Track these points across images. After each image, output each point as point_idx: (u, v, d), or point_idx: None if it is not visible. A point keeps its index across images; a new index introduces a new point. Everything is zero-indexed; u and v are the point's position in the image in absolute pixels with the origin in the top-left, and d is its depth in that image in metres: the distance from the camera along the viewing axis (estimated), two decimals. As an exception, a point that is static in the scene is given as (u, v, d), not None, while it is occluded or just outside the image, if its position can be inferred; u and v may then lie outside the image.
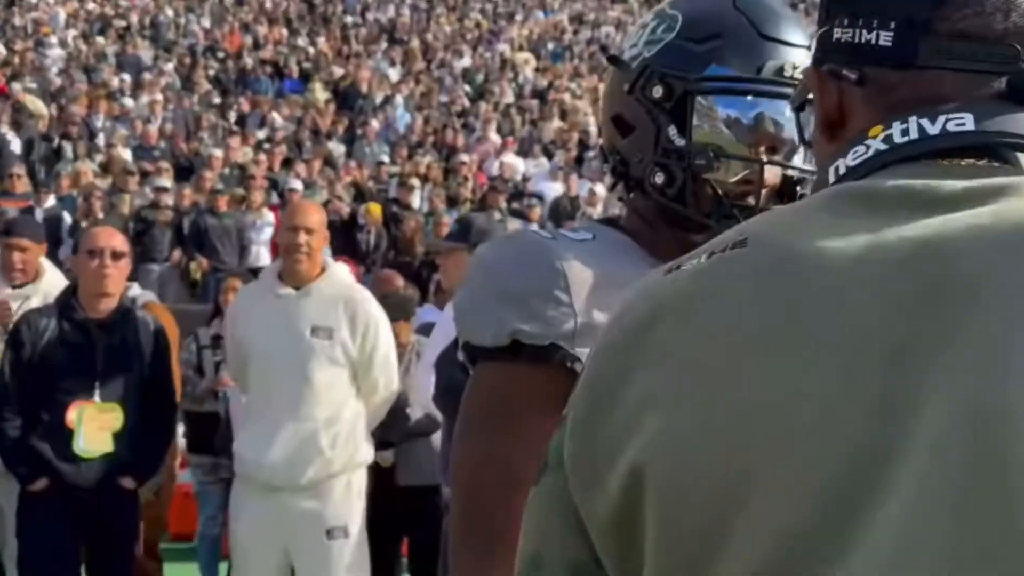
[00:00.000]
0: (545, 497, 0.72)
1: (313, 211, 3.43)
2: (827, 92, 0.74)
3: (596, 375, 0.70)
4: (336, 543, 3.18)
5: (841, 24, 0.73)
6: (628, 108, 1.16)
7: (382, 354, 3.28)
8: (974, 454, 0.55)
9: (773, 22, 1.14)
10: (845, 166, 0.70)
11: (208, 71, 14.41)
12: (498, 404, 1.09)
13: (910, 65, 0.70)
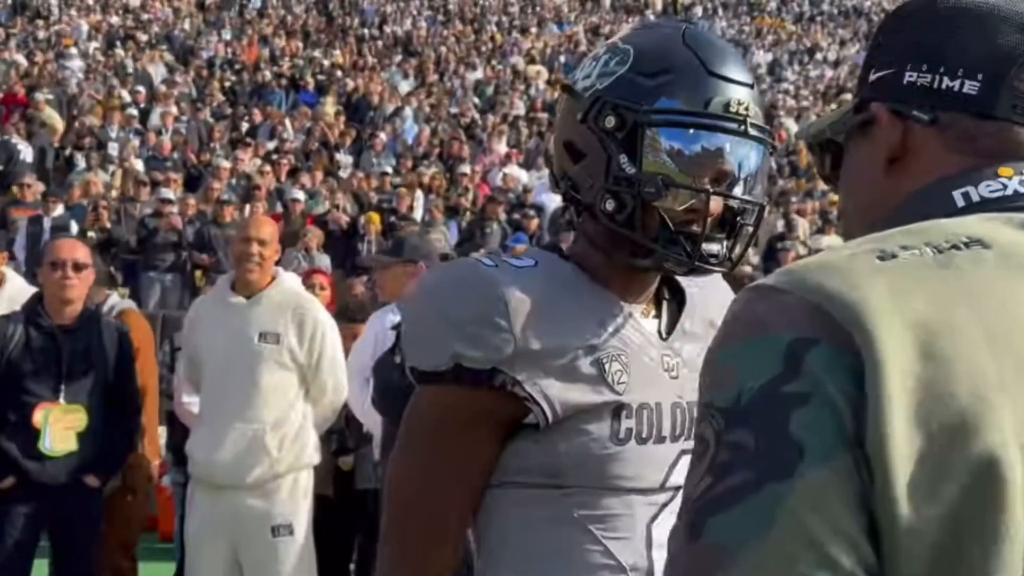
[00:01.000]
0: (825, 490, 0.65)
1: (266, 224, 3.59)
2: (891, 129, 0.84)
3: (913, 366, 0.66)
4: (281, 540, 3.33)
5: (917, 68, 0.84)
6: (580, 136, 1.21)
7: (329, 359, 3.43)
8: None
9: (720, 60, 1.20)
10: (980, 196, 0.80)
11: (224, 83, 14.69)
12: (438, 423, 1.15)
13: (989, 115, 0.82)
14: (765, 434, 0.67)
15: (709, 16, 22.41)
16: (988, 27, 0.83)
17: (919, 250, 0.72)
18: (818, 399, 0.66)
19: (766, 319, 0.70)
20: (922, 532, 0.65)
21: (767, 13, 23.15)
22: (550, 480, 1.15)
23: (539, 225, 10.38)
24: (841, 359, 0.67)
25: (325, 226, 9.58)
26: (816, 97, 16.67)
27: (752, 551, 0.65)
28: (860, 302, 0.68)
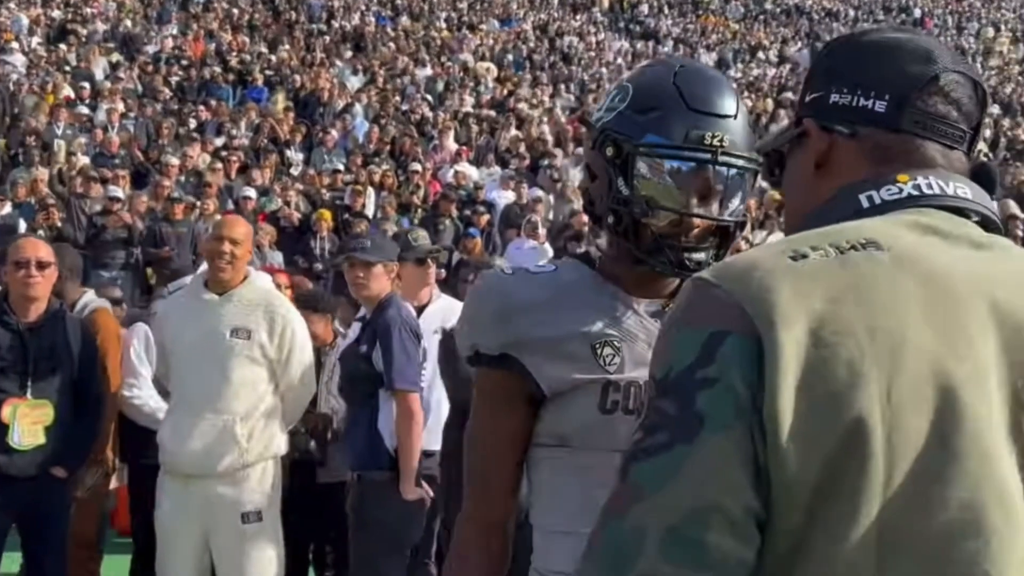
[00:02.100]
0: (719, 450, 0.84)
1: (239, 224, 3.70)
2: (819, 140, 1.04)
3: (805, 351, 0.85)
4: (250, 527, 3.46)
5: (840, 91, 1.04)
6: (593, 160, 1.48)
7: (298, 355, 3.57)
8: None
9: (703, 96, 1.42)
10: (880, 198, 0.98)
11: (170, 79, 14.56)
12: (483, 396, 1.47)
13: (897, 128, 1.01)
14: (679, 406, 0.87)
15: (655, 14, 22.71)
16: (895, 58, 1.03)
17: (824, 251, 0.91)
18: (721, 384, 0.86)
19: (696, 311, 0.91)
20: (805, 477, 0.84)
21: (711, 11, 23.53)
22: (559, 442, 1.42)
23: (489, 221, 10.52)
24: (746, 347, 0.87)
25: (277, 223, 9.62)
26: (760, 95, 17.03)
27: (659, 493, 0.85)
28: (769, 301, 0.88)
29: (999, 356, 0.90)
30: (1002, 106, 18.71)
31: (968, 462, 0.86)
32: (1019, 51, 22.97)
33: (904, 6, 25.23)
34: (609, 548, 0.87)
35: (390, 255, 3.77)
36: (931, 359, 0.87)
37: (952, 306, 0.90)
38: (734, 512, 0.84)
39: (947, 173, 1.00)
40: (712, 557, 0.84)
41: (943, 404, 0.86)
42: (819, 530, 0.85)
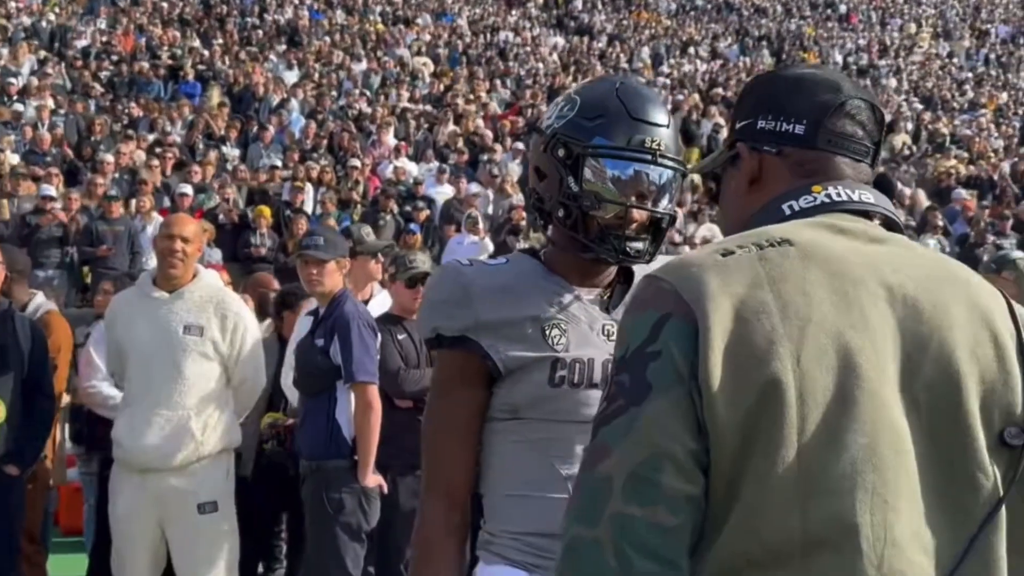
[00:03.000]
0: (664, 409, 1.04)
1: (189, 222, 3.76)
2: (750, 160, 1.25)
3: (730, 327, 1.05)
4: (206, 517, 3.53)
5: (766, 117, 1.25)
6: (543, 162, 1.66)
7: (249, 350, 3.64)
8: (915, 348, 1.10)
9: (642, 108, 1.63)
10: (800, 207, 1.19)
11: (100, 74, 14.28)
12: (444, 375, 1.63)
13: (813, 147, 1.22)
14: (633, 377, 1.08)
15: (588, 10, 22.93)
16: (810, 89, 1.25)
17: (748, 248, 1.13)
18: (664, 356, 1.07)
19: (646, 300, 1.12)
20: (733, 425, 1.04)
21: (643, 7, 23.85)
22: (512, 415, 1.61)
23: (428, 217, 10.59)
24: (684, 327, 1.07)
25: (215, 220, 9.56)
26: (692, 90, 17.35)
27: (619, 448, 1.05)
28: (701, 290, 1.08)
29: (895, 328, 1.10)
30: (923, 100, 19.37)
31: (866, 412, 1.05)
32: (939, 46, 23.76)
33: (830, 2, 25.88)
34: (585, 497, 1.06)
35: (342, 252, 3.87)
36: (833, 330, 1.07)
37: (850, 287, 1.10)
38: (680, 457, 1.03)
39: (854, 183, 1.21)
40: (666, 494, 1.03)
41: (844, 366, 1.06)
42: (748, 475, 1.03)
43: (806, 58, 21.35)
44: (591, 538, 1.03)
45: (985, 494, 1.08)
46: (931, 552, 1.05)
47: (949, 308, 1.12)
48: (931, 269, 1.16)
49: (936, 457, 1.07)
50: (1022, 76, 22.02)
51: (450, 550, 1.58)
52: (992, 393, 1.10)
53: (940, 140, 16.07)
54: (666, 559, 1.02)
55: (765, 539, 1.03)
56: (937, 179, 13.62)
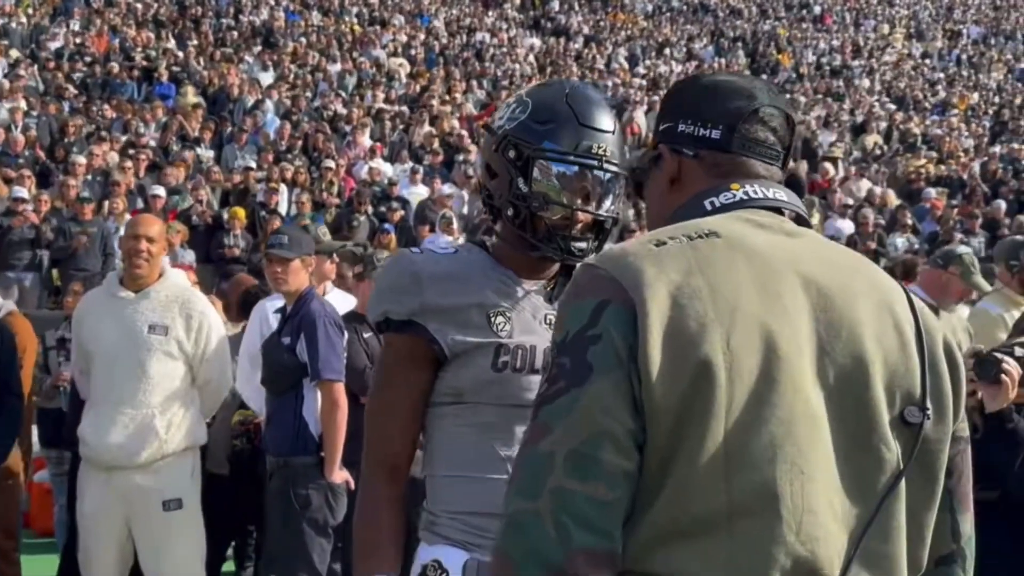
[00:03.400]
0: (604, 390, 1.10)
1: (154, 223, 3.78)
2: (671, 162, 1.33)
3: (666, 312, 1.12)
4: (171, 514, 3.57)
5: (685, 122, 1.32)
6: (494, 161, 1.72)
7: (214, 350, 3.67)
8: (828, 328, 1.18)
9: (589, 114, 1.70)
10: (720, 202, 1.27)
11: (74, 75, 14.21)
12: (390, 358, 1.68)
13: (728, 150, 1.30)
14: (574, 360, 1.13)
15: (565, 11, 23.01)
16: (726, 96, 1.33)
17: (679, 239, 1.20)
18: (604, 340, 1.12)
19: (586, 287, 1.18)
20: (669, 404, 1.11)
21: (620, 8, 23.96)
22: (456, 398, 1.65)
23: (403, 217, 10.62)
24: (623, 312, 1.13)
25: (188, 221, 9.54)
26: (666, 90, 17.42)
27: (561, 426, 1.11)
28: (638, 277, 1.15)
29: (809, 315, 1.18)
30: (895, 101, 19.58)
31: (785, 392, 1.13)
32: (912, 47, 24.01)
33: (804, 3, 26.10)
34: (527, 473, 1.12)
35: (308, 250, 3.90)
36: (757, 317, 1.15)
37: (770, 277, 1.18)
38: (619, 435, 1.10)
39: (768, 182, 1.30)
40: (604, 470, 1.09)
41: (767, 349, 1.14)
42: (681, 449, 1.11)
43: (780, 59, 21.54)
44: (532, 511, 1.09)
45: (888, 467, 1.17)
46: (841, 519, 1.14)
47: (857, 298, 1.20)
48: (840, 262, 1.24)
49: (845, 433, 1.15)
50: (992, 76, 22.29)
51: (392, 523, 1.65)
52: (895, 376, 1.19)
53: (912, 140, 16.26)
54: (603, 531, 1.08)
55: (694, 509, 1.10)
56: (907, 178, 13.79)
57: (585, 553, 1.07)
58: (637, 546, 1.11)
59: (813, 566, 1.11)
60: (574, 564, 1.07)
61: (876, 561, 1.15)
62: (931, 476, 1.22)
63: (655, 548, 1.11)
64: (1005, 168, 14.42)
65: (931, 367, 1.21)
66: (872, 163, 14.83)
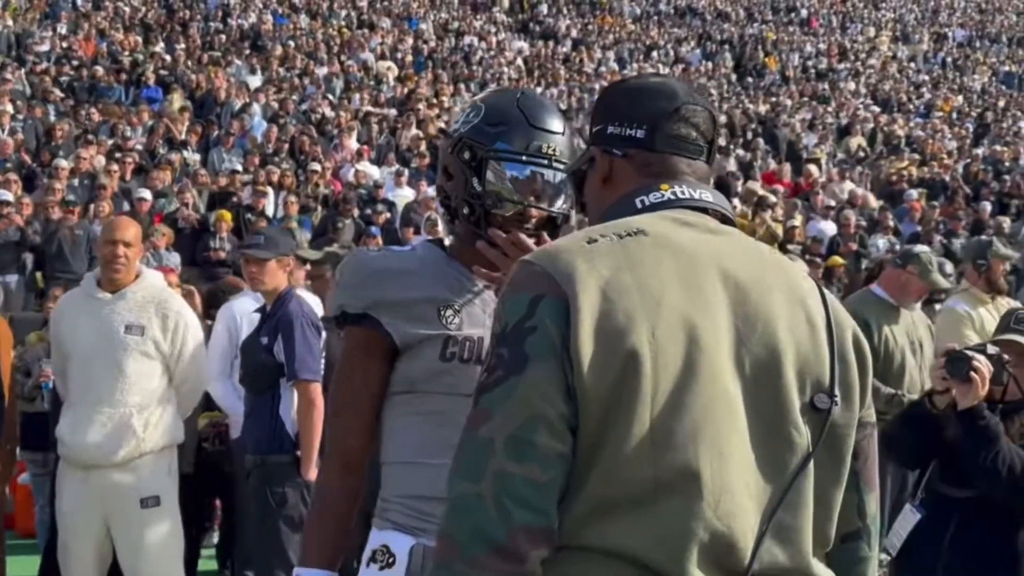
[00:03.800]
0: (540, 378, 1.18)
1: (131, 226, 3.82)
2: (603, 162, 1.40)
3: (597, 305, 1.20)
4: (149, 512, 3.62)
5: (613, 124, 1.40)
6: (451, 163, 1.80)
7: (190, 349, 3.72)
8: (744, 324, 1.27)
9: (539, 116, 1.78)
10: (650, 201, 1.34)
11: (61, 79, 14.23)
12: (349, 350, 1.75)
13: (653, 149, 1.37)
14: (512, 350, 1.21)
15: (554, 15, 23.09)
16: (650, 97, 1.41)
17: (609, 237, 1.29)
18: (540, 331, 1.21)
19: (523, 282, 1.26)
20: (599, 390, 1.19)
21: (608, 12, 24.05)
22: (409, 388, 1.72)
23: (389, 220, 10.67)
24: (557, 305, 1.22)
25: (174, 224, 9.58)
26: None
27: (500, 412, 1.19)
28: (571, 271, 1.24)
29: (727, 308, 1.26)
30: (880, 103, 19.71)
31: (705, 379, 1.22)
32: (898, 50, 24.16)
33: (792, 7, 26.24)
34: (468, 457, 1.20)
35: (283, 250, 3.95)
36: (681, 310, 1.23)
37: (694, 273, 1.26)
38: (553, 420, 1.18)
39: (695, 182, 1.39)
40: (539, 453, 1.18)
41: (689, 340, 1.22)
42: (610, 432, 1.19)
43: (767, 62, 21.66)
44: (475, 493, 1.17)
45: (798, 450, 1.26)
46: (755, 497, 1.23)
47: (772, 292, 1.29)
48: (758, 258, 1.33)
49: (760, 418, 1.24)
50: (975, 79, 22.45)
51: (343, 512, 1.72)
52: (806, 365, 1.28)
53: (896, 142, 16.38)
54: (539, 509, 1.17)
55: (623, 487, 1.19)
56: (888, 180, 13.90)
57: (525, 530, 1.16)
58: (572, 522, 1.19)
59: (729, 539, 1.20)
60: (515, 541, 1.15)
61: (785, 534, 1.24)
62: (838, 458, 1.30)
63: (588, 523, 1.19)
64: (986, 170, 14.54)
65: (840, 357, 1.29)
66: (856, 165, 14.93)
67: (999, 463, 2.60)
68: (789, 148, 15.49)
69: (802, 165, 14.10)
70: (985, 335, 4.58)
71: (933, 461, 2.81)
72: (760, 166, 14.25)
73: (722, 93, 18.77)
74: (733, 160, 14.14)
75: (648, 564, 1.18)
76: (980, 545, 2.69)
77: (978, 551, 2.69)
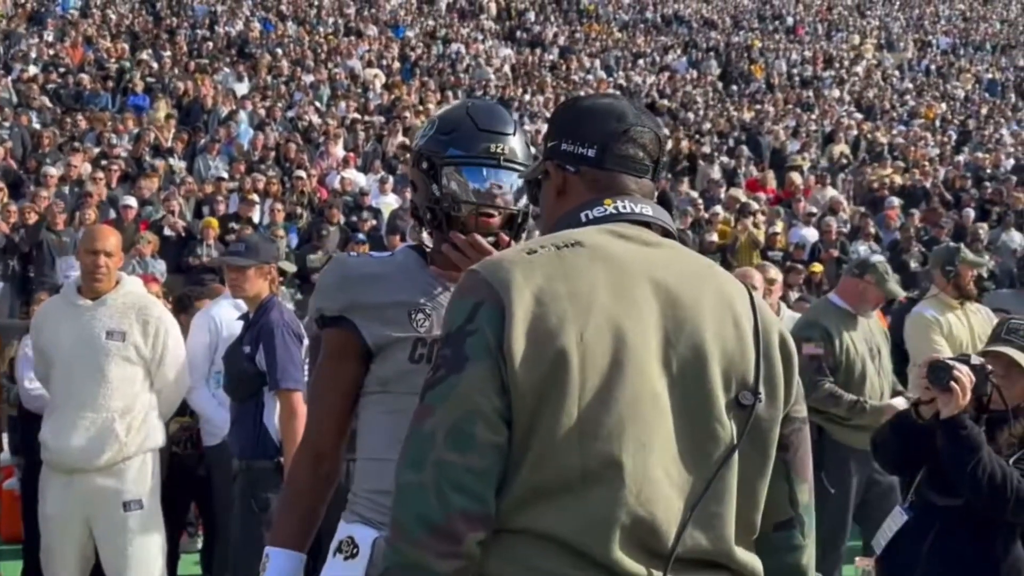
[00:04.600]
0: (478, 376, 1.30)
1: (111, 235, 3.89)
2: (556, 176, 1.52)
3: (530, 310, 1.31)
4: (131, 514, 3.68)
5: (567, 141, 1.51)
6: (414, 175, 1.91)
7: (171, 354, 3.79)
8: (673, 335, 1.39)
9: (487, 120, 1.88)
10: (593, 215, 1.45)
11: (48, 86, 14.24)
12: (327, 351, 1.83)
13: (603, 167, 1.47)
14: (454, 351, 1.33)
15: (541, 23, 23.20)
16: (600, 118, 1.53)
17: (548, 248, 1.40)
18: (478, 334, 1.33)
19: (467, 289, 1.39)
20: (530, 387, 1.31)
21: (595, 19, 24.17)
22: (382, 388, 1.82)
23: (375, 227, 10.73)
24: (495, 311, 1.34)
25: (160, 231, 9.61)
26: (640, 102, 17.61)
27: (442, 407, 1.32)
28: (508, 280, 1.35)
29: (658, 313, 1.37)
30: (863, 110, 19.87)
31: (631, 377, 1.32)
32: (883, 58, 24.36)
33: (777, 14, 26.42)
34: (413, 448, 1.32)
35: (265, 258, 3.97)
36: (610, 315, 1.34)
37: (625, 281, 1.37)
38: (488, 413, 1.30)
39: (639, 198, 1.50)
40: (477, 443, 1.30)
41: (617, 341, 1.33)
42: (540, 423, 1.30)
43: (753, 70, 21.81)
44: (418, 482, 1.29)
45: (722, 443, 1.36)
46: (679, 486, 1.33)
47: (701, 298, 1.40)
48: (690, 268, 1.44)
49: (686, 413, 1.35)
50: (958, 87, 22.64)
51: (313, 498, 1.82)
52: (731, 364, 1.38)
53: (879, 149, 16.52)
54: (476, 494, 1.28)
55: (553, 473, 1.30)
56: (870, 187, 14.02)
57: (462, 513, 1.27)
58: (508, 506, 1.30)
59: (651, 524, 1.31)
60: (453, 523, 1.27)
61: (708, 521, 1.34)
62: (763, 451, 1.40)
63: (522, 508, 1.30)
64: (965, 176, 14.68)
65: (765, 356, 1.40)
66: (839, 172, 15.06)
67: (980, 472, 2.62)
68: (773, 155, 15.61)
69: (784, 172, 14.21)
70: (953, 340, 4.67)
71: (923, 467, 2.82)
72: (744, 173, 14.36)
73: (708, 101, 18.89)
74: (718, 167, 14.25)
75: (576, 546, 1.28)
76: (960, 553, 2.72)
77: (958, 559, 2.71)
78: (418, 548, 1.26)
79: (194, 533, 5.38)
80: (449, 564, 1.26)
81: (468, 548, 1.27)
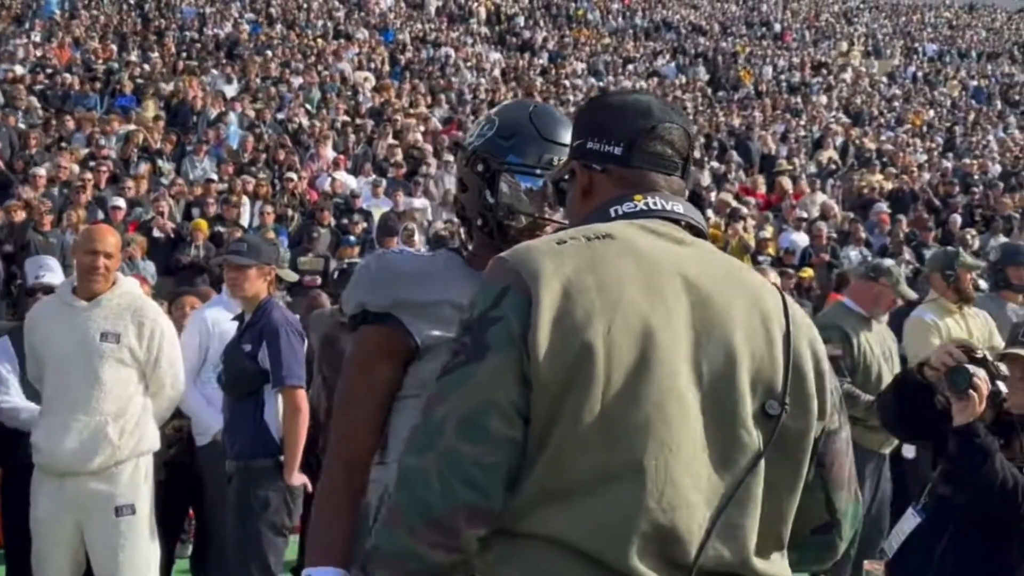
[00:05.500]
0: (497, 367, 1.24)
1: (110, 235, 3.84)
2: (583, 176, 1.48)
3: (557, 301, 1.26)
4: (124, 519, 3.62)
5: (592, 140, 1.47)
6: (465, 175, 1.86)
7: (166, 357, 3.74)
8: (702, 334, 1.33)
9: (551, 129, 1.83)
10: (623, 211, 1.40)
11: (35, 87, 14.13)
12: (363, 351, 1.75)
13: (630, 165, 1.43)
14: (475, 337, 1.29)
15: (531, 27, 23.22)
16: (627, 115, 1.48)
17: (578, 239, 1.36)
18: (503, 322, 1.28)
19: (495, 275, 1.34)
20: (553, 381, 1.26)
21: (584, 25, 24.21)
22: (422, 391, 1.67)
23: (365, 229, 10.69)
24: (520, 299, 1.29)
25: (149, 233, 9.54)
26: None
27: (455, 395, 1.27)
28: (536, 268, 1.31)
29: (688, 312, 1.32)
30: (852, 116, 19.97)
31: (658, 377, 1.27)
32: (870, 64, 24.49)
33: (765, 21, 26.54)
34: (421, 434, 1.27)
35: (266, 259, 3.98)
36: (638, 310, 1.29)
37: (655, 277, 1.32)
38: (505, 406, 1.25)
39: (668, 194, 1.45)
40: (490, 435, 1.24)
41: (645, 338, 1.28)
42: (560, 419, 1.25)
43: (741, 76, 21.88)
44: (419, 467, 1.24)
45: (748, 451, 1.31)
46: (703, 492, 1.27)
47: (733, 300, 1.35)
48: (722, 268, 1.39)
49: (713, 417, 1.29)
50: (944, 93, 22.80)
51: (344, 518, 1.71)
52: (760, 372, 1.33)
53: (867, 155, 16.59)
54: (483, 489, 1.23)
55: (569, 474, 1.24)
56: (859, 193, 14.08)
57: (466, 508, 1.22)
58: (517, 507, 1.24)
59: (673, 533, 1.24)
60: (453, 517, 1.22)
61: (732, 532, 1.28)
62: (792, 463, 1.34)
63: (533, 508, 1.24)
64: (951, 182, 14.75)
65: (794, 367, 1.34)
66: (827, 178, 15.12)
67: (993, 479, 2.62)
68: (763, 161, 15.65)
69: (773, 178, 14.25)
70: (952, 344, 4.68)
71: (938, 468, 2.81)
72: (734, 178, 14.39)
73: (697, 106, 18.94)
74: (707, 173, 14.27)
75: (587, 552, 1.22)
76: (973, 554, 2.71)
77: (972, 561, 2.71)
78: (412, 536, 1.23)
79: (186, 539, 5.32)
80: (442, 556, 1.23)
81: (464, 544, 1.23)
